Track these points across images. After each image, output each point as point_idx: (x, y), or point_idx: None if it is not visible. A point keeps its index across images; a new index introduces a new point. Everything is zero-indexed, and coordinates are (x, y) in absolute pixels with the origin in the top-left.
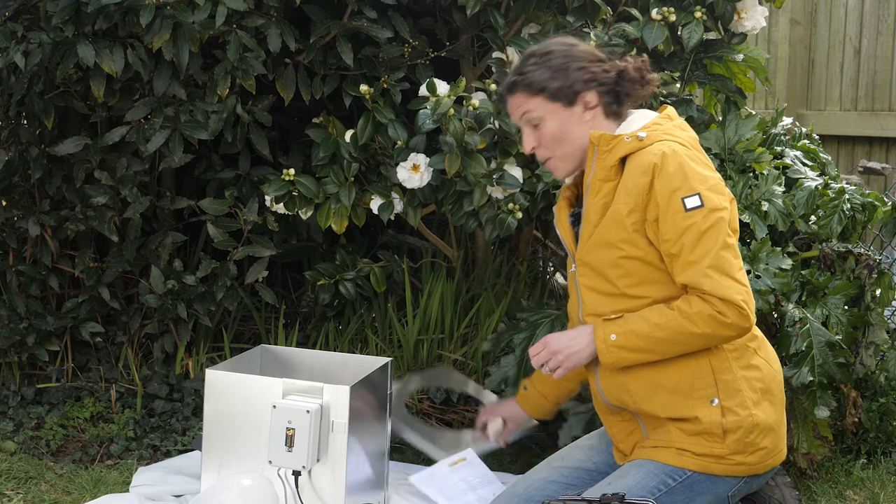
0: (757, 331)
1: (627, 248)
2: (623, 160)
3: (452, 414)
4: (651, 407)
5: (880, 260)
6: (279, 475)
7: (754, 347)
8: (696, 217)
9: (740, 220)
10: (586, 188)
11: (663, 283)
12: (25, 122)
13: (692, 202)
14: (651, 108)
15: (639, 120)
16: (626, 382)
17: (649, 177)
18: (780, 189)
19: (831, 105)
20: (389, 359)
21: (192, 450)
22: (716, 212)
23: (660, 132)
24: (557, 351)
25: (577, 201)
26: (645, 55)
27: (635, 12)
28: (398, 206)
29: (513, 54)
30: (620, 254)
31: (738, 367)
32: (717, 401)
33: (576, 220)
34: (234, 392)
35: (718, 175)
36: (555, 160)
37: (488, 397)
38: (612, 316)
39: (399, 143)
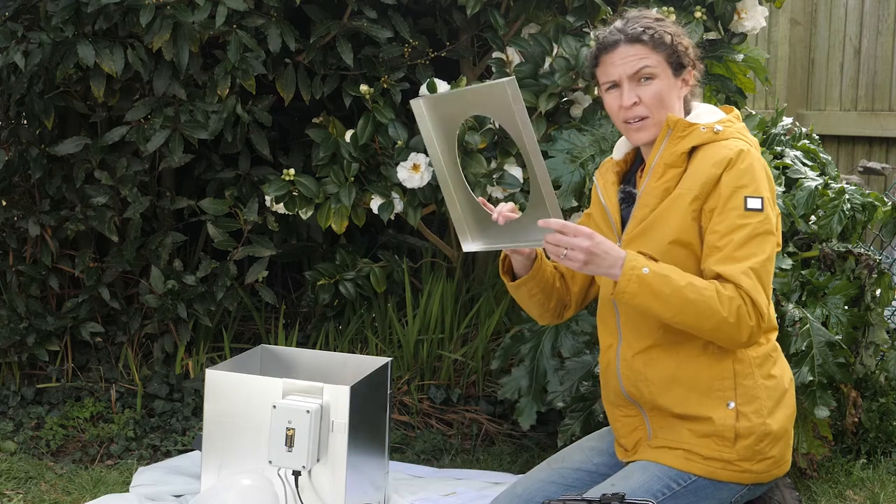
0: (775, 342)
1: (681, 235)
2: (692, 150)
3: (452, 414)
4: (666, 401)
5: (880, 260)
6: (279, 475)
7: (775, 357)
8: (753, 219)
9: None
10: (648, 169)
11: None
12: (25, 122)
13: (754, 203)
14: None
15: (708, 114)
16: (646, 372)
17: (721, 169)
18: (780, 189)
19: (831, 105)
20: (389, 359)
21: (192, 450)
22: (769, 222)
23: (734, 130)
24: (583, 248)
25: (624, 179)
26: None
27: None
28: (398, 206)
29: (513, 54)
30: (671, 238)
31: (760, 375)
32: (733, 404)
33: (625, 198)
34: (234, 392)
35: (776, 189)
36: (649, 121)
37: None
38: (649, 256)
39: (399, 142)
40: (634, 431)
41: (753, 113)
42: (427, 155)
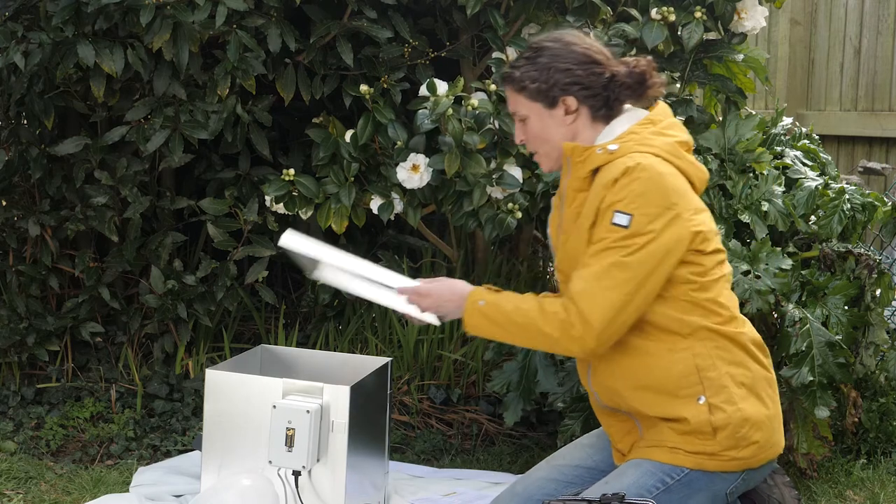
0: (746, 324)
1: (583, 257)
2: (595, 172)
3: (452, 414)
4: (642, 406)
5: (880, 260)
6: (279, 475)
7: (742, 343)
8: (614, 234)
9: (741, 220)
10: (561, 198)
11: None
12: (25, 122)
13: (620, 219)
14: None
15: (620, 126)
16: (614, 384)
17: (608, 190)
18: (780, 189)
19: (831, 105)
20: (389, 359)
21: (192, 450)
22: (637, 237)
23: (633, 143)
24: (426, 294)
25: None
26: (650, 57)
27: (635, 12)
28: (398, 206)
29: (513, 54)
30: (579, 260)
31: (723, 364)
32: (703, 398)
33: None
34: (234, 392)
35: (686, 186)
36: (539, 156)
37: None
38: (495, 289)
39: (399, 143)
40: (628, 435)
41: (753, 113)
42: (427, 157)
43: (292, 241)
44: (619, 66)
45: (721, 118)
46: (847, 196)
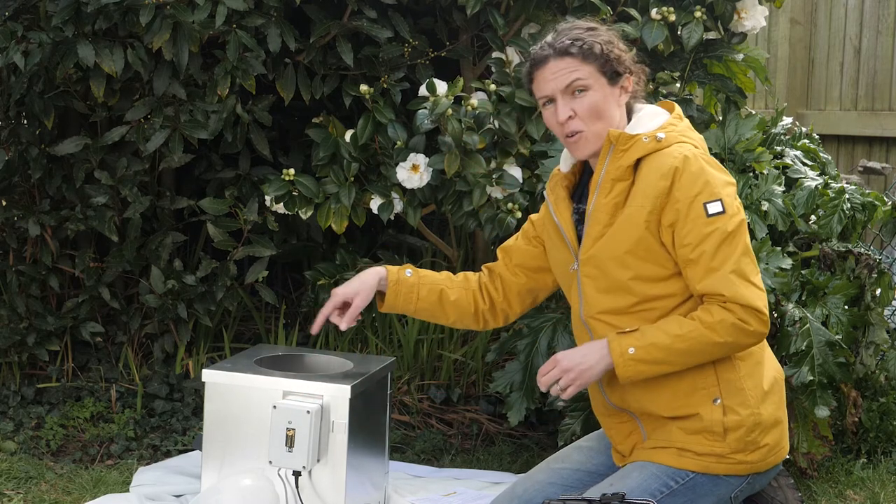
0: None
1: (637, 247)
2: (637, 161)
3: (452, 414)
4: (654, 407)
5: (880, 260)
6: (279, 475)
7: (759, 345)
8: (718, 223)
9: None
10: (595, 186)
11: (667, 280)
12: (25, 122)
13: (714, 208)
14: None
15: (649, 117)
16: (628, 385)
17: (669, 181)
18: (780, 189)
19: (831, 105)
20: (390, 359)
21: (192, 450)
22: (736, 216)
23: (676, 133)
24: (569, 368)
25: (574, 194)
26: (643, 63)
27: (635, 12)
28: (398, 206)
29: (513, 54)
30: (626, 249)
31: (743, 366)
32: (719, 400)
33: (580, 218)
34: (235, 392)
35: (733, 179)
36: (586, 134)
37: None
38: (628, 329)
39: (399, 143)
40: (629, 437)
41: (753, 113)
42: (426, 157)
43: None
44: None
45: (721, 118)
46: (847, 196)
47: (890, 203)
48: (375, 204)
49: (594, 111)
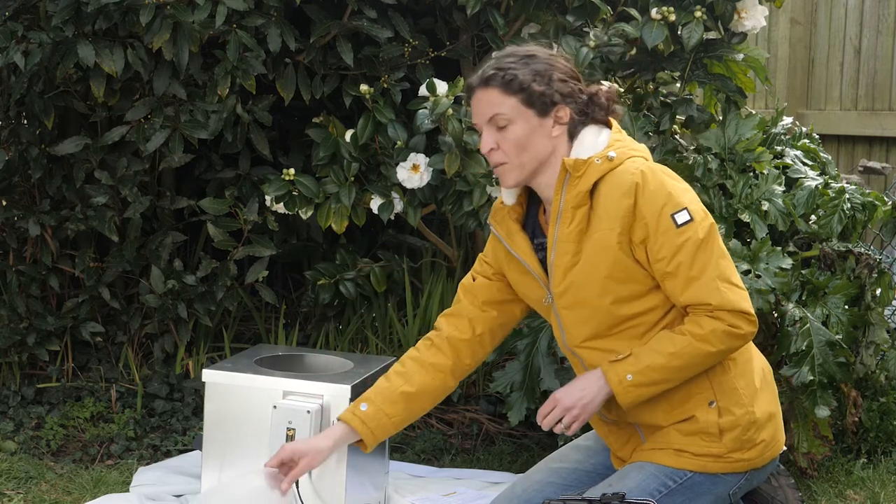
0: None
1: (614, 270)
2: (594, 185)
3: (452, 414)
4: (650, 418)
5: (880, 259)
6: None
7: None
8: (689, 232)
9: (741, 219)
10: (556, 215)
11: (646, 295)
12: (25, 122)
13: (682, 217)
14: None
15: (592, 137)
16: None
17: (632, 198)
18: (780, 189)
19: (831, 105)
20: (390, 359)
21: (192, 450)
22: (705, 221)
23: (626, 149)
24: (571, 406)
25: (525, 222)
26: (615, 84)
27: (635, 12)
28: (398, 206)
29: None
30: (605, 274)
31: (733, 366)
32: (714, 403)
33: (539, 248)
34: (235, 392)
35: (687, 184)
36: (509, 167)
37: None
38: (620, 356)
39: (399, 143)
40: (628, 443)
41: (753, 112)
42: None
43: None
44: (595, 87)
45: (721, 118)
46: (847, 195)
47: (890, 203)
48: (375, 204)
49: (518, 146)
